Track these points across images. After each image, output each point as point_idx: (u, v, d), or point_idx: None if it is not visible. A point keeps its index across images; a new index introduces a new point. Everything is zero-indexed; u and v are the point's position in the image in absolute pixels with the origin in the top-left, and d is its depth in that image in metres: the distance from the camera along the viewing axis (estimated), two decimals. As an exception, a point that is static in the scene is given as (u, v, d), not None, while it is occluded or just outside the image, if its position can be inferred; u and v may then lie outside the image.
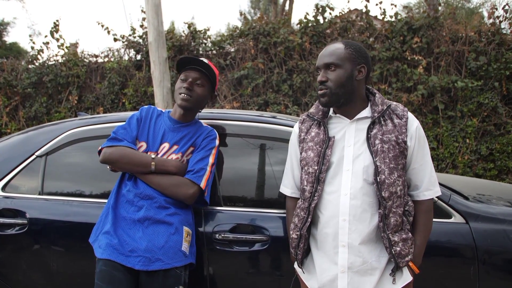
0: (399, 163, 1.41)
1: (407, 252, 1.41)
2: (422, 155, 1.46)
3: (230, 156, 1.95)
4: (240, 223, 1.78)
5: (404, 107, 1.50)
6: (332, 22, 6.00)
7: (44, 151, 2.03)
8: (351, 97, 1.46)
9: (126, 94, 6.25)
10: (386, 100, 1.50)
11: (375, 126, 1.44)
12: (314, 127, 1.53)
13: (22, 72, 6.64)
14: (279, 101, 5.83)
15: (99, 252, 1.61)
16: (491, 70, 5.38)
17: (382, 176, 1.38)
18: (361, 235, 1.41)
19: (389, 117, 1.45)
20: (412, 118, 1.47)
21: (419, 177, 1.47)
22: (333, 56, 1.45)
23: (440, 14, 5.94)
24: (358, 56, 1.46)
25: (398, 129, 1.43)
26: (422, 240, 1.47)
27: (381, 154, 1.40)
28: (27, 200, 1.97)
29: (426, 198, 1.48)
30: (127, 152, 1.67)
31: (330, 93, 1.44)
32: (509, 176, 5.42)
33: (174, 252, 1.61)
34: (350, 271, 1.42)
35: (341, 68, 1.44)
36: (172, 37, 6.32)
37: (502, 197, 2.18)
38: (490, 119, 5.49)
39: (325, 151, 1.46)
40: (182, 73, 1.75)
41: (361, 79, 1.47)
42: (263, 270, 1.81)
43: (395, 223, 1.40)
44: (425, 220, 1.48)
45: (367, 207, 1.41)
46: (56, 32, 6.68)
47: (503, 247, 1.69)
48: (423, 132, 1.48)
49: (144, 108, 1.82)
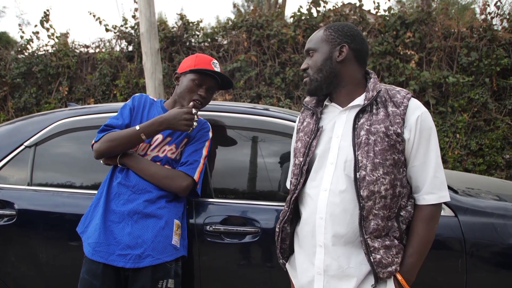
0: (388, 158, 1.23)
1: (389, 262, 1.23)
2: (425, 151, 1.26)
3: (222, 148, 1.95)
4: (231, 215, 1.78)
5: (406, 94, 1.29)
6: (325, 16, 5.99)
7: (33, 142, 2.01)
8: (335, 82, 1.33)
9: (117, 86, 6.19)
10: (381, 85, 1.33)
11: (364, 115, 1.28)
12: (308, 117, 1.44)
13: (11, 62, 6.54)
14: (272, 94, 5.83)
15: (88, 250, 1.58)
16: (482, 66, 5.42)
17: (363, 172, 1.22)
18: (338, 237, 1.26)
19: (383, 105, 1.28)
20: (414, 107, 1.27)
21: (420, 177, 1.27)
22: (312, 41, 1.37)
23: (433, 10, 5.96)
24: (337, 36, 1.32)
25: (392, 118, 1.25)
26: (413, 252, 1.26)
27: (364, 147, 1.24)
28: (16, 191, 1.94)
29: (427, 203, 1.26)
30: (113, 134, 1.62)
31: (310, 81, 1.35)
32: (497, 171, 5.49)
33: (164, 247, 1.59)
34: (326, 274, 1.28)
35: (318, 51, 1.34)
36: (165, 28, 6.26)
37: (490, 191, 2.21)
38: (480, 115, 5.55)
39: (311, 142, 1.35)
40: (197, 74, 1.68)
41: (343, 60, 1.31)
42: (254, 262, 1.82)
43: (375, 227, 1.22)
44: (421, 230, 1.26)
45: (348, 206, 1.25)
46: (47, 22, 6.57)
47: (491, 240, 1.71)
48: (428, 124, 1.26)
49: (136, 96, 1.77)
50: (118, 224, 1.59)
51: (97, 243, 1.57)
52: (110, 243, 1.57)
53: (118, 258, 1.55)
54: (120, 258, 1.55)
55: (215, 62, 1.74)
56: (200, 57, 1.75)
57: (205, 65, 1.70)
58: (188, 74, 1.70)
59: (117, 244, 1.56)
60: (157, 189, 1.64)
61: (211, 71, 1.68)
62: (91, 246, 1.58)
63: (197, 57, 1.74)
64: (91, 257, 1.57)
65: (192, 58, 1.74)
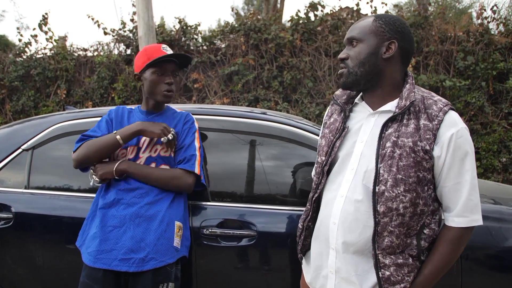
0: (411, 176, 1.14)
1: (399, 280, 1.17)
2: (459, 172, 1.15)
3: (219, 152, 1.95)
4: (228, 218, 1.79)
5: (444, 105, 1.17)
6: (323, 20, 6.02)
7: (30, 145, 2.01)
8: (375, 80, 1.22)
9: (115, 89, 6.19)
10: (419, 91, 1.23)
11: (393, 124, 1.19)
12: (335, 113, 1.36)
13: (9, 65, 6.53)
14: (270, 98, 5.84)
15: (89, 259, 1.56)
16: (479, 69, 5.46)
17: (382, 187, 1.15)
18: (347, 244, 1.22)
19: (415, 116, 1.17)
20: (450, 123, 1.15)
21: (452, 199, 1.18)
22: (357, 29, 1.23)
23: (430, 14, 6.00)
24: (388, 29, 1.20)
25: (422, 133, 1.15)
26: (432, 271, 1.19)
27: (388, 160, 1.15)
28: (13, 194, 1.95)
29: (456, 226, 1.18)
30: (90, 142, 1.64)
31: (347, 73, 1.23)
32: (494, 174, 5.51)
33: (166, 249, 1.58)
34: (338, 275, 1.26)
35: (363, 42, 1.21)
36: (163, 31, 6.28)
37: (485, 194, 2.22)
38: (477, 118, 5.57)
39: (334, 142, 1.28)
40: (155, 66, 1.68)
41: (390, 57, 1.20)
42: (250, 265, 1.82)
43: (389, 244, 1.17)
44: (445, 250, 1.19)
45: (361, 216, 1.19)
46: (45, 25, 6.58)
47: (486, 243, 1.73)
48: (464, 143, 1.16)
49: (113, 110, 1.79)
50: (120, 229, 1.58)
51: (98, 251, 1.55)
52: (112, 248, 1.55)
53: (121, 263, 1.54)
54: (123, 263, 1.54)
55: (165, 46, 1.73)
56: (149, 49, 1.73)
57: (157, 53, 1.69)
58: (147, 70, 1.70)
59: (119, 249, 1.55)
60: (157, 192, 1.63)
61: (166, 56, 1.68)
62: (92, 254, 1.56)
63: (146, 50, 1.73)
64: (93, 265, 1.55)
65: (143, 55, 1.73)
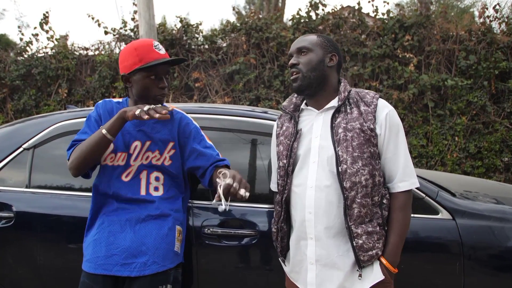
0: (365, 151, 1.36)
1: (370, 246, 1.35)
2: (395, 144, 1.41)
3: (221, 151, 1.95)
4: (229, 217, 1.78)
5: (375, 94, 1.45)
6: (324, 19, 6.00)
7: (31, 144, 2.01)
8: (322, 83, 1.46)
9: (116, 88, 6.19)
10: (352, 88, 1.49)
11: (340, 115, 1.42)
12: (286, 122, 1.55)
13: (10, 64, 6.53)
14: (271, 97, 5.83)
15: (89, 266, 1.54)
16: (481, 69, 5.44)
17: (344, 166, 1.35)
18: (327, 228, 1.38)
19: (355, 105, 1.43)
20: (383, 105, 1.42)
21: (393, 167, 1.41)
22: (306, 41, 1.48)
23: (432, 13, 5.98)
24: (329, 44, 1.48)
25: (364, 116, 1.39)
26: (396, 238, 1.39)
27: (343, 143, 1.37)
28: (14, 193, 1.94)
29: (401, 190, 1.40)
30: (79, 145, 1.53)
31: (302, 77, 1.45)
32: (496, 174, 5.50)
33: (167, 253, 1.57)
34: (318, 264, 1.40)
35: (312, 52, 1.46)
36: (164, 31, 6.27)
37: (488, 194, 2.21)
38: (479, 118, 5.55)
39: (292, 144, 1.46)
40: (148, 71, 1.53)
41: (333, 66, 1.47)
42: (252, 265, 1.82)
43: (358, 214, 1.35)
44: (399, 217, 1.40)
45: (333, 199, 1.38)
46: (46, 24, 6.58)
47: (488, 243, 1.72)
48: (396, 120, 1.42)
49: (100, 104, 1.65)
50: (120, 234, 1.55)
51: (98, 257, 1.53)
52: (112, 254, 1.53)
53: (123, 268, 1.52)
54: (125, 268, 1.52)
55: (157, 44, 1.58)
56: (140, 47, 1.54)
57: (149, 54, 1.53)
58: (139, 73, 1.54)
59: (120, 253, 1.53)
60: (160, 197, 1.60)
61: (162, 61, 1.53)
62: (91, 261, 1.54)
63: (137, 50, 1.54)
64: (94, 272, 1.53)
65: (132, 54, 1.54)
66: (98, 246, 1.55)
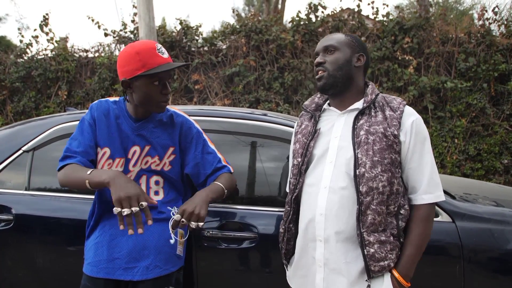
0: (386, 157, 1.29)
1: (382, 257, 1.28)
2: (421, 154, 1.33)
3: (221, 153, 1.94)
4: (229, 220, 1.78)
5: (402, 100, 1.39)
6: (324, 21, 6.01)
7: (31, 146, 2.01)
8: (348, 83, 1.41)
9: (116, 90, 6.19)
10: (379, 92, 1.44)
11: (363, 117, 1.36)
12: (306, 121, 1.50)
13: (10, 66, 6.54)
14: (271, 99, 5.84)
15: (90, 269, 1.52)
16: (480, 71, 5.45)
17: (362, 169, 1.28)
18: (337, 233, 1.31)
19: (381, 109, 1.37)
20: (409, 113, 1.36)
21: (418, 178, 1.33)
22: (333, 40, 1.43)
23: (431, 15, 5.99)
24: (357, 44, 1.43)
25: (389, 121, 1.33)
26: (412, 250, 1.31)
27: (364, 145, 1.30)
28: (13, 195, 1.94)
29: (425, 203, 1.33)
30: (68, 172, 1.46)
31: (327, 75, 1.39)
32: (496, 176, 5.50)
33: (169, 257, 1.55)
34: (326, 267, 1.34)
35: (339, 51, 1.41)
36: (164, 33, 6.28)
37: (488, 196, 2.21)
38: (478, 120, 5.56)
39: (309, 143, 1.41)
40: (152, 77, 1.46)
41: (360, 67, 1.42)
42: (252, 267, 1.81)
43: (372, 221, 1.27)
44: (420, 229, 1.32)
45: (346, 203, 1.31)
46: (46, 26, 6.59)
47: (488, 245, 1.72)
48: (422, 129, 1.35)
49: (95, 106, 1.56)
50: (122, 237, 1.53)
51: (100, 261, 1.52)
52: (114, 257, 1.52)
53: (125, 272, 1.50)
54: (127, 272, 1.50)
55: (160, 48, 1.49)
56: (142, 51, 1.44)
57: (153, 59, 1.45)
58: (141, 78, 1.46)
59: (122, 257, 1.51)
60: (160, 202, 1.58)
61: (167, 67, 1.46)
62: (92, 265, 1.53)
63: (140, 54, 1.44)
64: (96, 275, 1.51)
65: (134, 58, 1.44)
66: (100, 249, 1.54)
